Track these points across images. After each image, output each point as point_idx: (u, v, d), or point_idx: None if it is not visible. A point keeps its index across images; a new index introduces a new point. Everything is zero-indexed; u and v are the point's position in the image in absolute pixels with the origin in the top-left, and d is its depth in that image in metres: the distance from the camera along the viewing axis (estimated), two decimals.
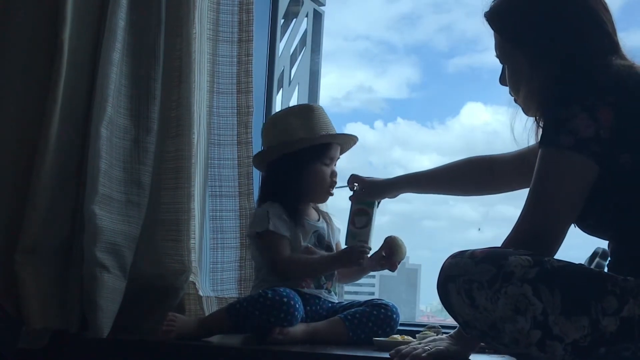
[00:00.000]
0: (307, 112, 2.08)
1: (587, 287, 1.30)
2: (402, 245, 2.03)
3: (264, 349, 1.72)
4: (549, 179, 1.42)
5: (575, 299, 1.29)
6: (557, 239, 1.42)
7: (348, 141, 2.11)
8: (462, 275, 1.39)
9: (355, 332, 1.85)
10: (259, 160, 2.12)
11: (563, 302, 1.29)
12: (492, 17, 1.57)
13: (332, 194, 2.09)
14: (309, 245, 2.02)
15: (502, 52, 1.58)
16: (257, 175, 2.20)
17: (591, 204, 1.43)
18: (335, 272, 2.05)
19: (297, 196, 2.04)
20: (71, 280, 1.91)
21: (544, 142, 1.43)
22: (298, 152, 2.02)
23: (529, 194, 1.44)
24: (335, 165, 2.09)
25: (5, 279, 1.84)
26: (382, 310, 1.89)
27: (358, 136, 2.11)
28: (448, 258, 1.46)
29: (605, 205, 1.43)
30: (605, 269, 1.49)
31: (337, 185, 2.08)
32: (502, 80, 1.62)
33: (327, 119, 2.09)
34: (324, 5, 2.80)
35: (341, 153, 2.12)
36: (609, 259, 1.48)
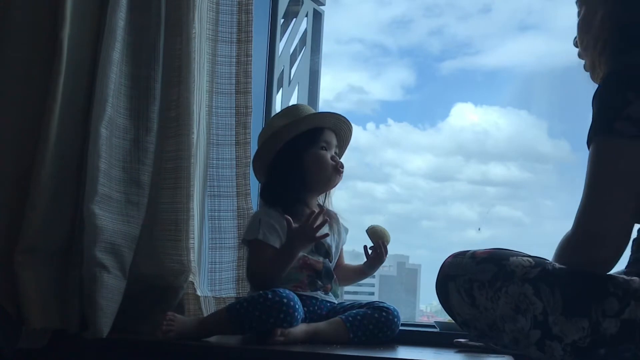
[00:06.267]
0: (291, 109, 2.10)
1: (588, 288, 1.29)
2: (382, 230, 2.08)
3: (264, 349, 1.73)
4: (607, 170, 1.30)
5: (576, 299, 1.28)
6: (620, 238, 1.28)
7: (338, 124, 2.08)
8: (462, 275, 1.39)
9: (355, 333, 1.85)
10: (258, 165, 2.10)
11: (564, 302, 1.28)
12: None
13: (340, 176, 2.06)
14: (305, 256, 1.99)
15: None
16: (253, 175, 2.19)
17: None
18: (334, 275, 2.05)
19: (303, 187, 2.02)
20: (71, 280, 1.91)
21: (597, 132, 1.31)
22: (291, 143, 2.02)
23: (584, 191, 1.31)
24: (335, 153, 2.07)
25: (5, 279, 1.84)
26: (384, 314, 1.89)
27: (353, 132, 2.10)
28: (448, 257, 1.46)
29: None
30: None
31: None
32: (575, 43, 1.56)
33: (312, 110, 2.09)
34: (323, 4, 2.80)
35: (340, 143, 2.11)
36: None
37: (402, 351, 1.78)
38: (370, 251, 2.11)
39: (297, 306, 1.79)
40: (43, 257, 1.87)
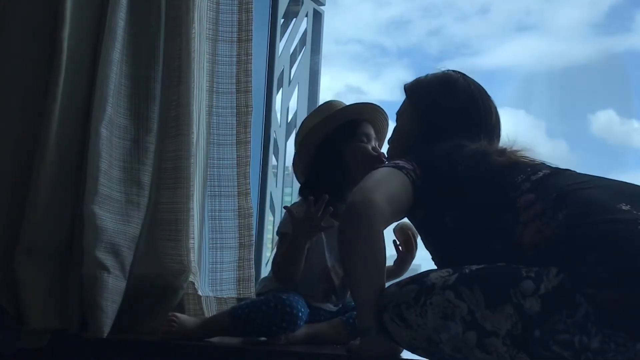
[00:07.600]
0: (325, 106, 2.06)
1: (503, 277, 1.37)
2: (408, 224, 2.00)
3: (265, 349, 1.73)
4: (375, 173, 1.63)
5: (495, 290, 1.36)
6: (373, 204, 1.53)
7: (376, 115, 2.03)
8: (390, 303, 1.48)
9: (355, 334, 1.84)
10: (300, 164, 2.06)
11: (485, 296, 1.37)
12: (410, 88, 1.84)
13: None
14: (333, 266, 1.94)
15: (401, 109, 1.86)
16: (254, 175, 2.18)
17: (436, 253, 1.64)
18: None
19: (345, 183, 1.94)
20: (71, 280, 1.91)
21: (388, 164, 1.69)
22: (330, 139, 1.98)
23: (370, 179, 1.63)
24: (376, 144, 2.02)
25: (5, 279, 1.84)
26: None
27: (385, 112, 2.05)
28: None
29: (443, 255, 1.61)
30: None
31: None
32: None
33: (345, 104, 2.03)
34: (323, 5, 2.80)
35: (378, 135, 2.04)
36: None
37: (403, 351, 1.78)
38: (400, 247, 2.02)
39: (300, 313, 1.77)
40: (43, 257, 1.86)
